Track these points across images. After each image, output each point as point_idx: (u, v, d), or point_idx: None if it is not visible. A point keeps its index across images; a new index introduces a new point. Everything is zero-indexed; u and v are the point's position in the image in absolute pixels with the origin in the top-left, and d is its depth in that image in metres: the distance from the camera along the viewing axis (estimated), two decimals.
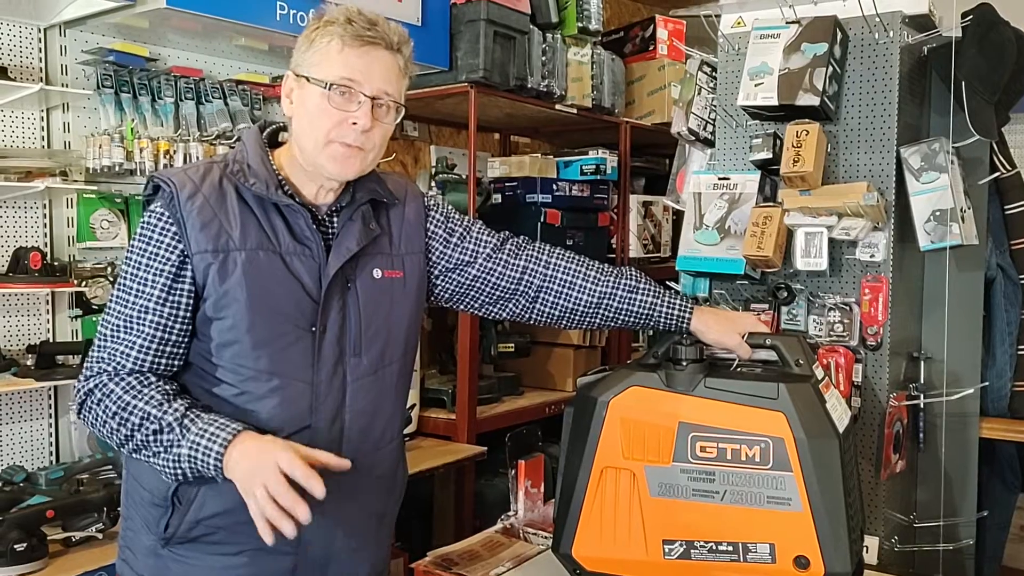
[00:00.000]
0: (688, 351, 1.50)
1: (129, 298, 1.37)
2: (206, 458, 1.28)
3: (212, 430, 1.29)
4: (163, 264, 1.36)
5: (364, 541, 1.52)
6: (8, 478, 2.21)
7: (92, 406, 1.37)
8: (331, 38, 1.38)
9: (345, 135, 1.39)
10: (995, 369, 2.36)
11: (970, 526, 2.19)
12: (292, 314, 1.39)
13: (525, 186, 3.28)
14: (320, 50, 1.39)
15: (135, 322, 1.36)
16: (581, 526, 1.51)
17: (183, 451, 1.29)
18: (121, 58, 2.55)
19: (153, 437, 1.31)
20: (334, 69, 1.38)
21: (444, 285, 1.63)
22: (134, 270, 1.38)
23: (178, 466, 1.31)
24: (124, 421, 1.33)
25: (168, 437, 1.30)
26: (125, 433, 1.33)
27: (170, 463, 1.31)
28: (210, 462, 1.28)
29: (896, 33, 1.88)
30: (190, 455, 1.29)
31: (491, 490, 3.15)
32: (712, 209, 1.98)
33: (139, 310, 1.36)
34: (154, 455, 1.32)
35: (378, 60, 1.40)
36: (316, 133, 1.40)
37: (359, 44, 1.38)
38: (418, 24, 2.91)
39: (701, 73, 2.14)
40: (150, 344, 1.37)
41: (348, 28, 1.38)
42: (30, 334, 2.49)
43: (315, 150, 1.41)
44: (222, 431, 1.29)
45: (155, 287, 1.36)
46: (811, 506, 1.39)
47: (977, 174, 2.08)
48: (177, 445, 1.30)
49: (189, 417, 1.31)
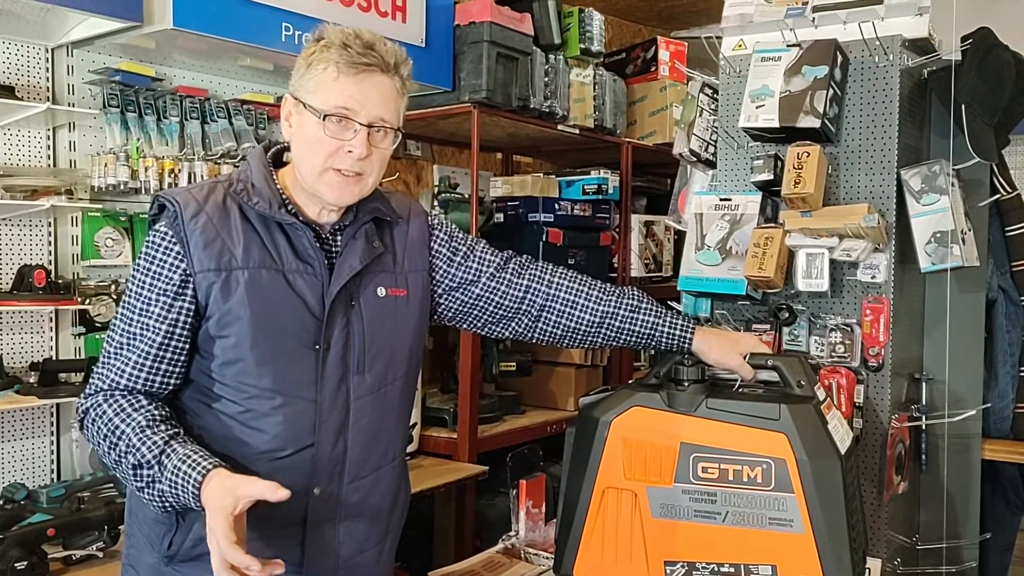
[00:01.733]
0: (690, 371, 1.50)
1: (132, 316, 1.38)
2: (184, 495, 1.28)
3: (185, 468, 1.28)
4: (166, 283, 1.37)
5: (367, 559, 1.51)
6: (9, 496, 2.20)
7: (89, 425, 1.40)
8: (327, 64, 1.38)
9: (341, 163, 1.40)
10: (997, 390, 2.35)
11: (973, 548, 2.18)
12: (295, 332, 1.40)
13: (527, 205, 3.30)
14: (316, 76, 1.39)
15: (135, 340, 1.37)
16: (583, 547, 1.51)
17: (164, 488, 1.30)
18: (127, 78, 2.57)
19: (133, 472, 1.32)
20: (330, 98, 1.37)
21: (447, 304, 1.64)
22: (138, 289, 1.39)
23: (163, 500, 1.32)
24: (113, 446, 1.34)
25: (148, 473, 1.31)
26: (114, 458, 1.36)
27: (154, 497, 1.32)
28: (189, 500, 1.28)
29: (896, 56, 1.89)
30: (171, 492, 1.29)
31: (492, 510, 3.14)
32: (714, 230, 1.99)
33: (140, 327, 1.37)
34: (137, 489, 1.34)
35: (374, 86, 1.39)
36: (313, 161, 1.40)
37: (355, 72, 1.37)
38: (422, 45, 2.93)
39: (703, 95, 2.16)
40: (145, 361, 1.37)
41: (344, 54, 1.37)
42: (33, 351, 2.50)
43: (312, 177, 1.41)
44: (194, 470, 1.27)
45: (156, 305, 1.37)
46: (813, 528, 1.39)
47: (977, 196, 2.09)
48: (157, 481, 1.31)
49: (167, 453, 1.31)
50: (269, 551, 1.40)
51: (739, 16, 2.05)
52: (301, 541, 1.42)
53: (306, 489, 1.41)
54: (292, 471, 1.36)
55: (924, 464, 2.05)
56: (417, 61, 1.48)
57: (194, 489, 1.26)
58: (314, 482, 1.42)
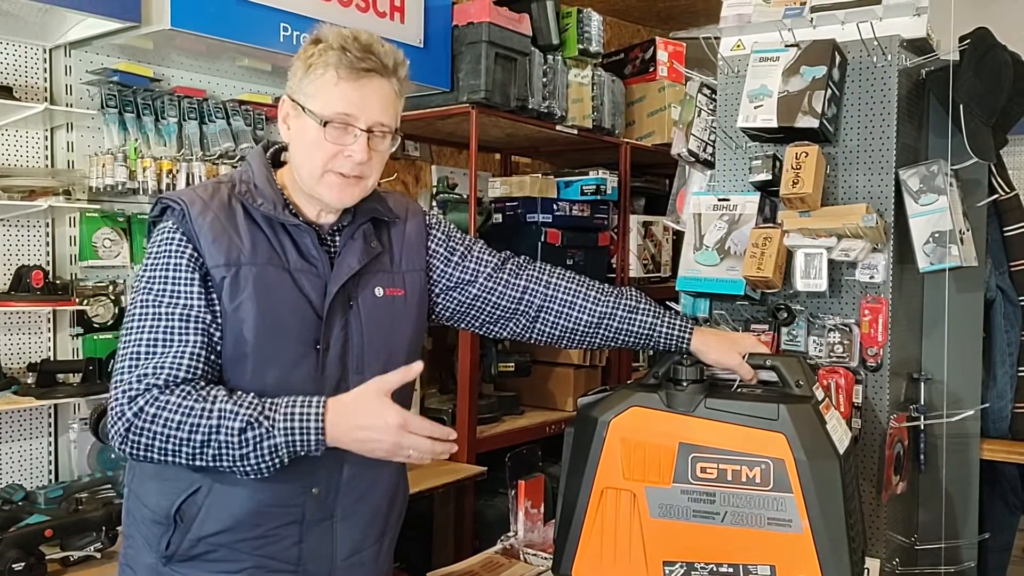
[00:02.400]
0: (688, 371, 1.50)
1: (164, 310, 1.34)
2: (306, 437, 1.28)
3: (298, 410, 1.28)
4: (192, 273, 1.35)
5: (365, 559, 1.51)
6: (7, 497, 2.20)
7: (145, 425, 1.29)
8: (326, 69, 1.37)
9: (341, 166, 1.40)
10: (996, 390, 2.36)
11: (972, 548, 2.18)
12: (298, 331, 1.40)
13: (526, 206, 3.30)
14: (315, 81, 1.38)
15: (181, 331, 1.33)
16: (581, 547, 1.51)
17: (277, 440, 1.27)
18: (125, 78, 2.57)
19: (238, 437, 1.27)
20: (330, 103, 1.37)
21: (445, 304, 1.64)
22: (161, 284, 1.35)
23: (274, 456, 1.28)
24: (196, 428, 1.27)
25: (256, 433, 1.27)
26: (200, 439, 1.27)
27: (263, 457, 1.28)
28: (312, 440, 1.28)
29: (894, 56, 1.89)
30: (287, 441, 1.27)
31: (491, 510, 3.14)
32: (712, 230, 1.99)
33: (181, 318, 1.34)
34: (241, 457, 1.28)
35: (374, 91, 1.39)
36: (312, 164, 1.40)
37: (355, 77, 1.37)
38: (420, 46, 2.93)
39: (701, 95, 2.16)
40: (201, 350, 1.34)
41: (343, 58, 1.36)
42: (31, 352, 2.50)
43: (312, 179, 1.42)
44: (308, 406, 1.29)
45: (191, 295, 1.35)
46: (812, 528, 1.39)
47: (976, 196, 2.10)
48: (268, 437, 1.27)
49: (268, 407, 1.29)
50: (266, 550, 1.40)
51: (737, 16, 2.05)
52: (299, 540, 1.42)
53: (304, 489, 1.41)
54: (290, 471, 1.36)
55: (923, 464, 2.05)
56: (415, 61, 1.48)
57: (318, 426, 1.28)
58: (312, 482, 1.41)
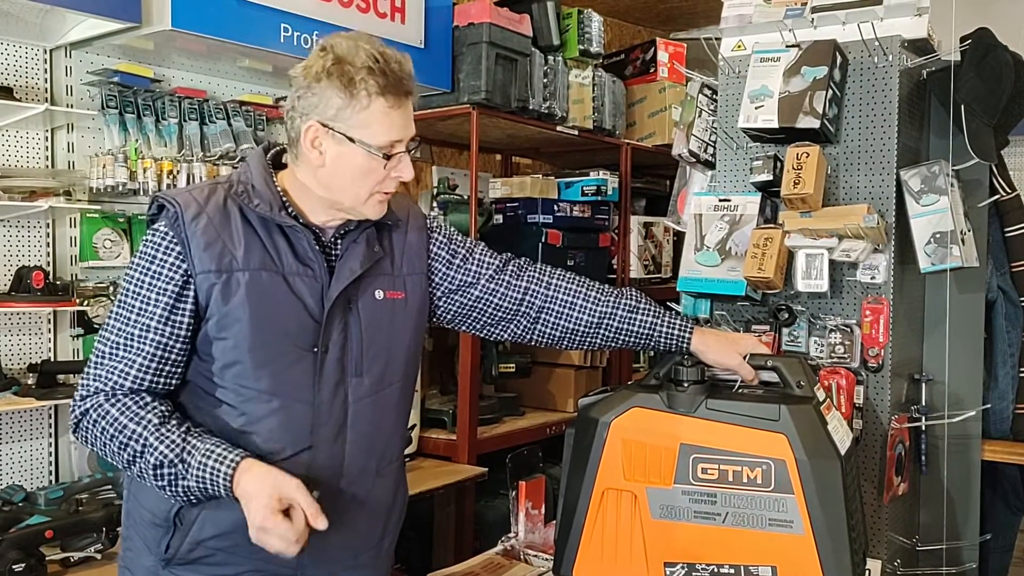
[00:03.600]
0: (689, 372, 1.50)
1: (131, 316, 1.37)
2: (216, 490, 1.31)
3: (212, 463, 1.30)
4: (166, 283, 1.36)
5: (365, 561, 1.51)
6: (7, 498, 2.20)
7: (88, 427, 1.37)
8: (371, 98, 1.36)
9: (389, 187, 1.44)
10: (997, 391, 2.35)
11: (973, 549, 2.18)
12: (294, 334, 1.40)
13: (526, 207, 3.30)
14: (364, 111, 1.36)
15: (135, 340, 1.36)
16: (582, 548, 1.50)
17: (190, 483, 1.31)
18: (126, 79, 2.57)
19: (154, 472, 1.32)
20: (384, 133, 1.38)
21: (446, 306, 1.63)
22: (136, 288, 1.38)
23: (188, 495, 1.33)
24: (124, 446, 1.33)
25: (171, 471, 1.31)
26: (127, 458, 1.34)
27: (177, 492, 1.33)
28: (220, 492, 1.31)
29: (895, 57, 1.89)
30: (199, 487, 1.31)
31: (491, 511, 3.14)
32: (713, 230, 1.99)
33: (140, 328, 1.36)
34: (158, 487, 1.34)
35: (408, 111, 1.42)
36: (360, 191, 1.42)
37: (399, 103, 1.39)
38: (421, 46, 2.93)
39: (702, 95, 2.16)
40: (150, 363, 1.37)
41: (387, 83, 1.36)
42: (31, 353, 2.50)
43: (356, 202, 1.43)
44: (221, 464, 1.30)
45: (157, 306, 1.36)
46: (813, 529, 1.39)
47: (977, 196, 2.09)
48: (182, 478, 1.31)
49: (187, 450, 1.32)
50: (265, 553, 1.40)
51: (738, 17, 2.05)
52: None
53: None
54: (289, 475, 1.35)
55: (924, 465, 2.05)
56: (416, 62, 1.48)
57: (226, 482, 1.29)
58: (311, 486, 1.41)
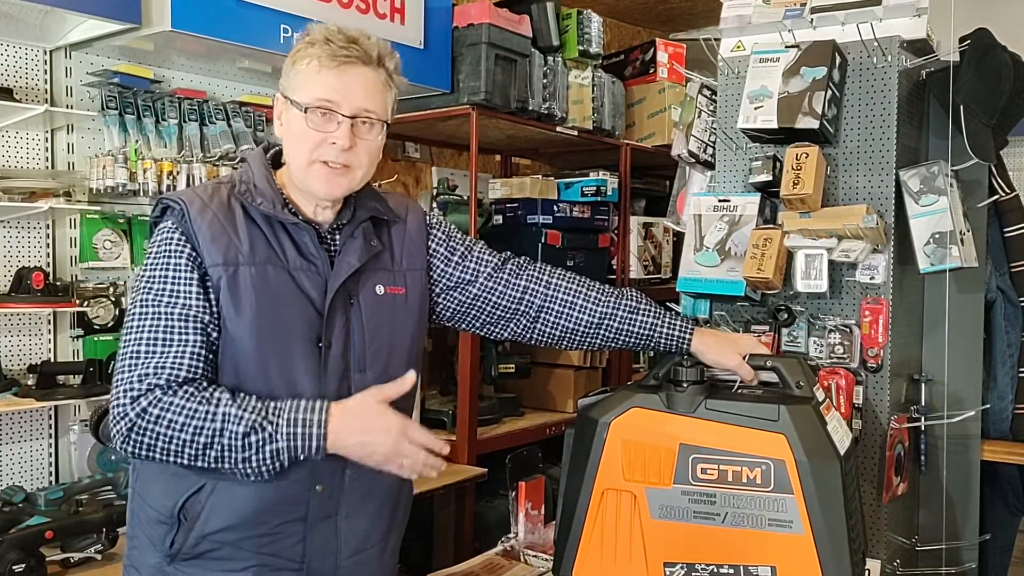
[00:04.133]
0: (689, 372, 1.50)
1: (164, 309, 1.35)
2: (308, 443, 1.30)
3: (301, 416, 1.30)
4: (190, 273, 1.36)
5: (369, 558, 1.51)
6: (7, 498, 2.20)
7: (148, 425, 1.30)
8: (310, 59, 1.40)
9: (326, 155, 1.41)
10: (996, 391, 2.35)
11: (973, 549, 2.18)
12: (299, 329, 1.40)
13: (526, 207, 3.30)
14: (300, 72, 1.41)
15: (181, 330, 1.34)
16: (582, 548, 1.50)
17: (279, 445, 1.29)
18: (126, 80, 2.57)
19: (242, 441, 1.29)
20: (312, 91, 1.39)
21: (445, 304, 1.64)
22: (161, 284, 1.36)
23: (275, 460, 1.30)
24: (200, 429, 1.29)
25: (260, 437, 1.29)
26: (203, 441, 1.29)
27: (264, 461, 1.30)
28: (313, 445, 1.30)
29: (894, 57, 1.89)
30: (289, 446, 1.30)
31: (491, 512, 3.14)
32: (712, 231, 1.99)
33: (180, 318, 1.34)
34: (243, 460, 1.30)
35: (358, 78, 1.41)
36: (300, 155, 1.42)
37: (336, 64, 1.39)
38: (420, 47, 2.93)
39: (701, 96, 2.16)
40: (202, 348, 1.35)
41: (326, 48, 1.39)
42: (31, 354, 2.50)
43: (301, 171, 1.43)
44: (311, 412, 1.31)
45: (190, 295, 1.35)
46: (812, 529, 1.39)
47: (976, 196, 2.09)
48: (271, 441, 1.29)
49: (272, 411, 1.31)
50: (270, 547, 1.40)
51: (737, 17, 2.05)
52: (303, 537, 1.42)
53: (308, 486, 1.41)
54: (294, 468, 1.35)
55: (923, 465, 2.05)
56: (416, 63, 1.49)
57: (319, 432, 1.30)
58: (316, 479, 1.41)
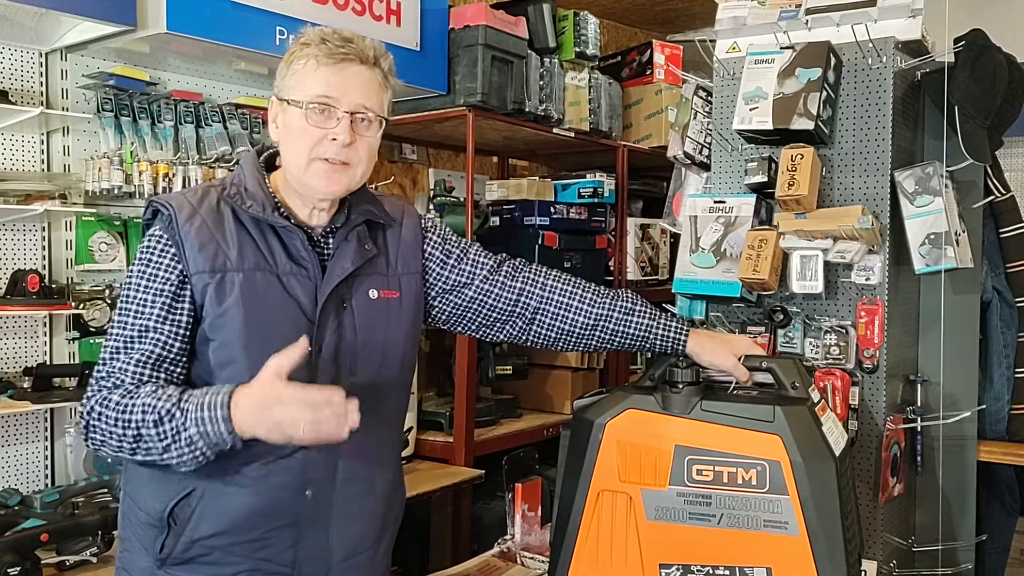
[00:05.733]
0: (684, 374, 1.50)
1: (129, 319, 1.37)
2: (215, 427, 1.26)
3: (207, 400, 1.27)
4: (163, 284, 1.37)
5: (361, 562, 1.51)
6: (3, 501, 2.20)
7: (95, 423, 1.34)
8: (306, 59, 1.41)
9: (326, 151, 1.41)
10: (992, 392, 2.35)
11: (969, 550, 2.18)
12: (288, 334, 1.39)
13: (523, 209, 3.30)
14: (297, 72, 1.42)
15: (135, 341, 1.36)
16: (578, 550, 1.50)
17: (191, 432, 1.27)
18: (121, 82, 2.57)
19: (155, 429, 1.28)
20: (311, 88, 1.40)
21: (441, 306, 1.64)
22: (134, 292, 1.38)
23: (193, 448, 1.28)
24: (128, 423, 1.30)
25: (172, 425, 1.27)
26: (132, 434, 1.29)
27: (185, 449, 1.28)
28: (221, 428, 1.26)
29: (889, 58, 1.89)
30: (199, 431, 1.27)
31: (488, 513, 3.14)
32: (708, 232, 1.99)
33: (139, 330, 1.36)
34: (164, 449, 1.28)
35: (354, 75, 1.41)
36: (299, 153, 1.41)
37: (333, 62, 1.40)
38: (417, 49, 2.93)
39: (697, 97, 2.16)
40: (148, 359, 1.36)
41: (322, 47, 1.40)
42: (27, 356, 2.49)
43: (300, 170, 1.42)
44: (216, 395, 1.27)
45: (155, 307, 1.36)
46: (808, 530, 1.39)
47: (971, 197, 2.10)
48: (184, 428, 1.27)
49: (184, 399, 1.29)
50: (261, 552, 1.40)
51: (732, 19, 2.05)
52: (294, 543, 1.42)
53: (298, 491, 1.41)
54: (284, 473, 1.35)
55: (920, 466, 2.05)
56: (412, 65, 1.49)
57: (223, 412, 1.25)
58: (306, 484, 1.41)
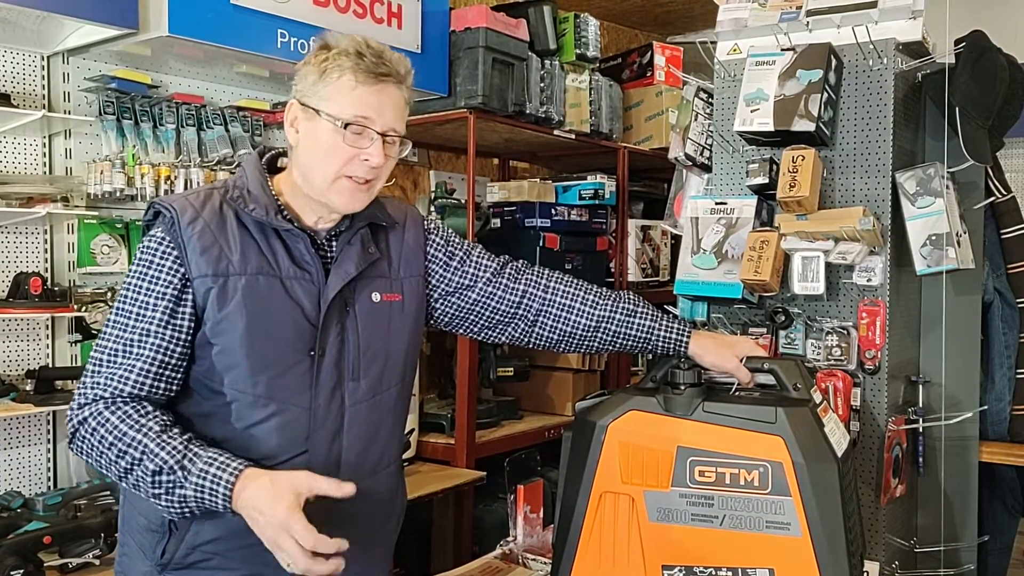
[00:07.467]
0: (686, 375, 1.50)
1: (129, 322, 1.36)
2: (213, 499, 1.27)
3: (212, 471, 1.27)
4: (165, 287, 1.36)
5: (363, 566, 1.51)
6: (5, 504, 2.20)
7: (86, 435, 1.33)
8: (342, 72, 1.38)
9: (356, 170, 1.41)
10: (994, 393, 2.35)
11: (971, 551, 2.18)
12: (291, 338, 1.40)
13: (524, 211, 3.30)
14: (332, 84, 1.38)
15: (135, 345, 1.35)
16: (580, 552, 1.50)
17: (187, 492, 1.28)
18: (123, 85, 2.57)
19: (152, 479, 1.28)
20: (348, 106, 1.38)
21: (444, 309, 1.64)
22: (134, 294, 1.37)
23: (184, 505, 1.29)
24: (123, 454, 1.30)
25: (169, 479, 1.28)
26: (124, 466, 1.30)
27: (173, 503, 1.29)
28: (218, 503, 1.27)
29: (890, 60, 1.90)
30: (196, 496, 1.28)
31: (490, 515, 3.14)
32: (709, 234, 1.99)
33: (140, 333, 1.35)
34: (154, 496, 1.29)
35: (389, 97, 1.41)
36: (326, 169, 1.40)
37: (373, 81, 1.39)
38: (418, 51, 2.94)
39: (698, 99, 2.16)
40: (150, 367, 1.35)
41: (360, 63, 1.38)
42: (29, 359, 2.50)
43: (323, 184, 1.41)
44: (223, 470, 1.27)
45: (156, 310, 1.36)
46: (810, 531, 1.39)
47: (972, 198, 2.10)
48: (180, 487, 1.28)
49: (188, 457, 1.29)
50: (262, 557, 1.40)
51: (733, 20, 2.06)
52: None
53: None
54: None
55: (921, 467, 2.05)
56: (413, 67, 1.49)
57: (225, 491, 1.25)
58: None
